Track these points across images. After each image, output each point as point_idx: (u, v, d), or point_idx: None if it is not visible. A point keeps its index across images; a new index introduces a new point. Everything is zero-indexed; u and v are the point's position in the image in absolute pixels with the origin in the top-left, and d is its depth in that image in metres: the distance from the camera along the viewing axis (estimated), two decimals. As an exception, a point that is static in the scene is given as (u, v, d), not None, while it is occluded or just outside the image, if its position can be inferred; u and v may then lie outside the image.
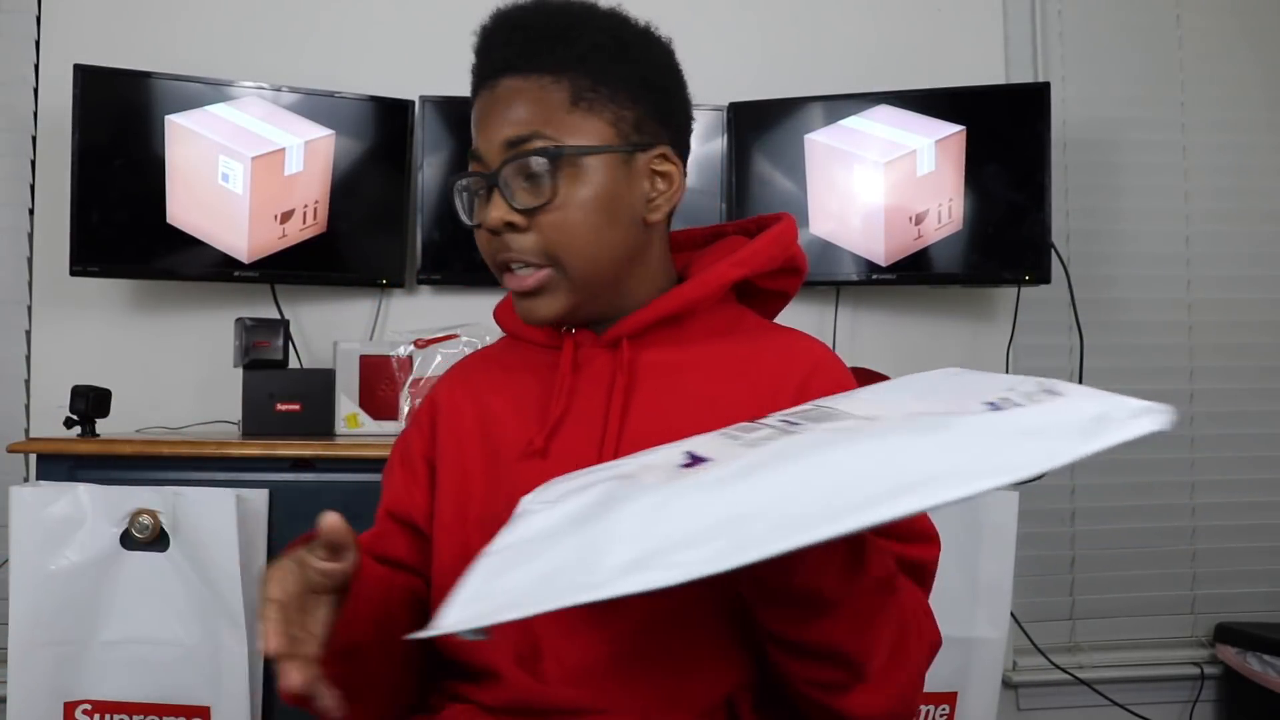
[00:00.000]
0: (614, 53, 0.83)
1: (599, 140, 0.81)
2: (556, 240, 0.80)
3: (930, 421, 0.58)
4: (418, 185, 2.03)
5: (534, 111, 0.80)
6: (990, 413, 0.61)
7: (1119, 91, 2.31)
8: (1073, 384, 0.64)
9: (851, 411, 0.64)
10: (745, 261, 0.86)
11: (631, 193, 0.83)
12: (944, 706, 1.75)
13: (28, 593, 1.47)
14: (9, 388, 2.02)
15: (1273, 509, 2.31)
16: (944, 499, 0.52)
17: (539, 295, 0.82)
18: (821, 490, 0.53)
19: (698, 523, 0.53)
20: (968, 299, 2.22)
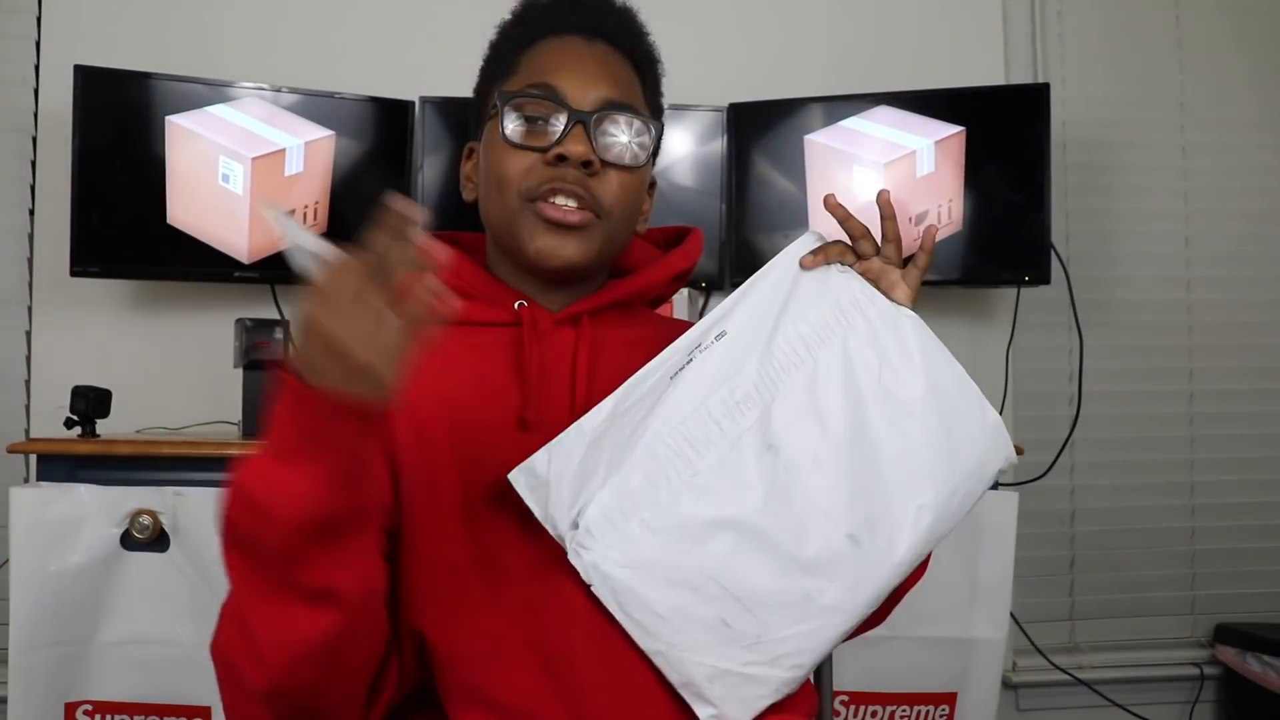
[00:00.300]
0: (660, 83, 0.94)
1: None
2: (619, 198, 0.86)
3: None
4: (418, 186, 2.03)
5: (629, 89, 0.88)
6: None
7: (1119, 92, 2.31)
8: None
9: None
10: (689, 254, 0.95)
11: (643, 196, 0.92)
12: (944, 707, 1.75)
13: (28, 593, 1.47)
14: (9, 388, 2.02)
15: (1273, 509, 2.31)
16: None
17: (575, 234, 0.84)
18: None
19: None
20: (968, 299, 2.22)
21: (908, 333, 0.84)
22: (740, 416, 0.79)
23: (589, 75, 0.85)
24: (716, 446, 0.78)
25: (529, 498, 0.75)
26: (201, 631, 1.49)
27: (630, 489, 0.76)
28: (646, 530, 0.75)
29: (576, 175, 0.83)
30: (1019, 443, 1.91)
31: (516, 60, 0.88)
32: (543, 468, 0.75)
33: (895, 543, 0.78)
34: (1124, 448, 2.29)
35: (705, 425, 0.78)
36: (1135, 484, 2.29)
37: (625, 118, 0.85)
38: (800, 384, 0.80)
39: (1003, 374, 2.18)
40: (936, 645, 1.70)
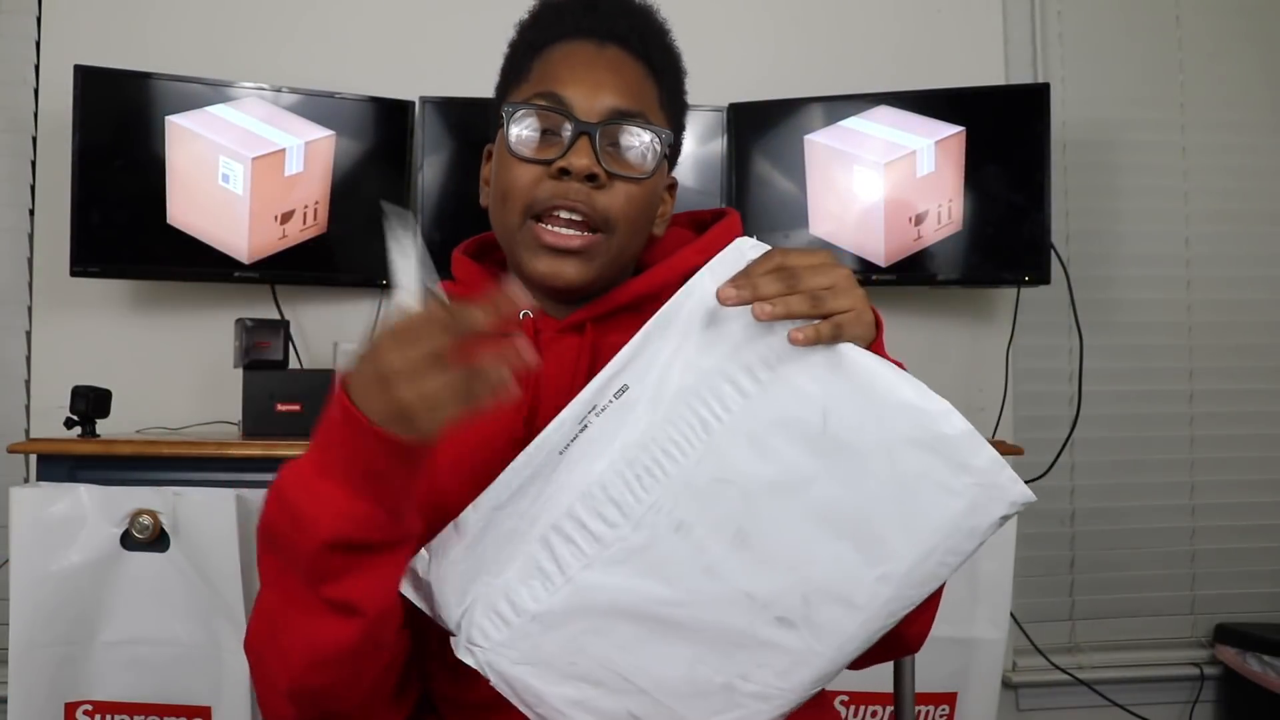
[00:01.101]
0: (681, 81, 0.92)
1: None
2: (625, 211, 0.83)
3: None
4: (418, 186, 2.03)
5: (641, 94, 0.85)
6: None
7: (1119, 92, 2.31)
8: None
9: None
10: (705, 250, 0.86)
11: (657, 203, 0.89)
12: (944, 707, 1.75)
13: (28, 593, 1.47)
14: (9, 388, 2.02)
15: (1273, 509, 2.31)
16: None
17: (575, 258, 0.82)
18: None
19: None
20: (968, 300, 2.22)
21: (860, 365, 0.68)
22: (644, 492, 0.68)
23: (597, 84, 0.83)
24: (618, 529, 0.68)
25: (414, 598, 0.71)
26: (201, 631, 1.50)
27: (520, 582, 0.69)
28: (539, 625, 0.69)
29: (580, 189, 0.81)
30: (1019, 443, 1.93)
31: (529, 65, 0.86)
32: (423, 569, 0.71)
33: (843, 621, 0.67)
34: (1124, 448, 2.29)
35: (602, 507, 0.68)
36: (1135, 484, 2.29)
37: (634, 128, 0.83)
38: (717, 444, 0.68)
39: (1003, 374, 2.18)
40: (936, 645, 1.68)
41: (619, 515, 0.68)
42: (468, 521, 0.71)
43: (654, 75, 0.87)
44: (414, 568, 0.71)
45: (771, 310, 0.65)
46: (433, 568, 0.71)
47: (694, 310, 0.69)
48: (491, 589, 0.69)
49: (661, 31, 0.90)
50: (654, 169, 0.84)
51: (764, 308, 0.65)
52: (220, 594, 1.49)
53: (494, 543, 0.70)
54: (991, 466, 0.67)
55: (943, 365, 2.19)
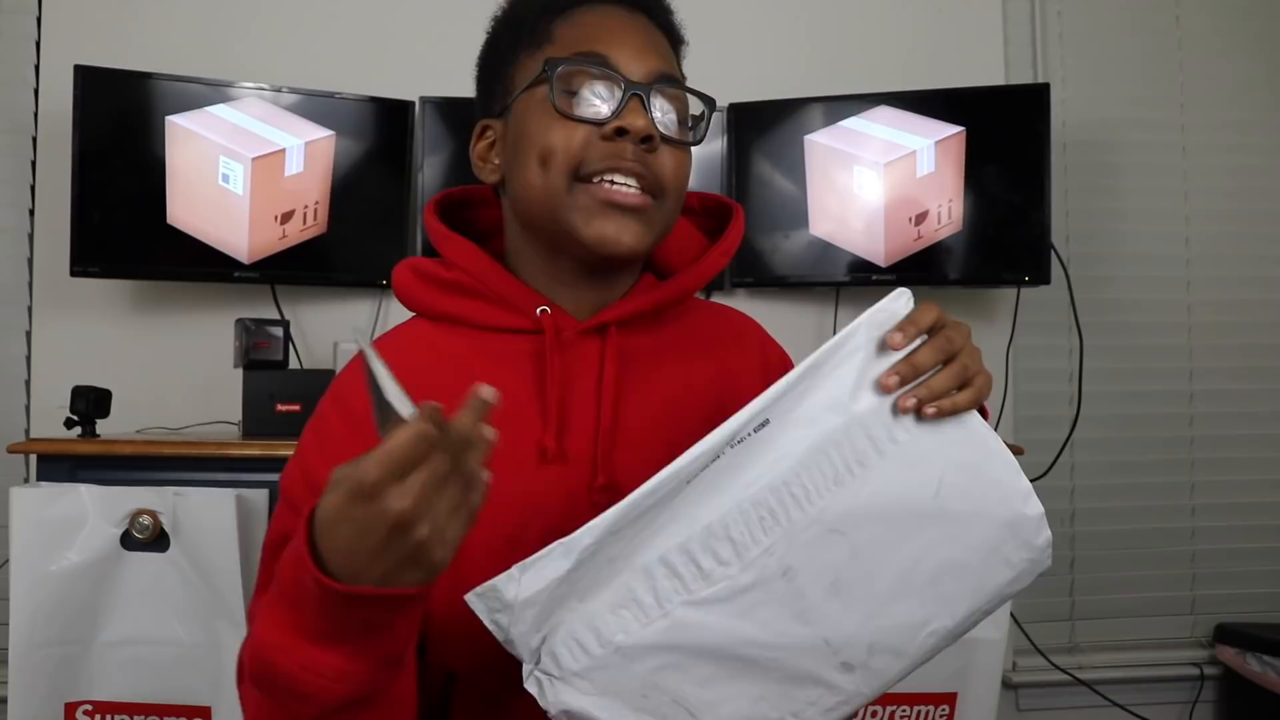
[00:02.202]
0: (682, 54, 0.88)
1: None
2: (676, 177, 0.79)
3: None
4: (418, 186, 2.03)
5: (674, 63, 0.83)
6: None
7: (1119, 92, 2.31)
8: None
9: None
10: (728, 253, 0.86)
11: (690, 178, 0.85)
12: (944, 707, 1.75)
13: (28, 593, 1.47)
14: (9, 388, 2.02)
15: (1273, 509, 2.31)
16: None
17: (636, 218, 0.76)
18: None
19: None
20: (968, 300, 2.22)
21: (981, 440, 0.71)
22: (763, 534, 0.67)
23: (639, 47, 0.78)
24: (728, 568, 0.66)
25: (489, 621, 0.64)
26: (201, 631, 1.50)
27: (610, 610, 0.66)
28: (621, 657, 0.65)
29: (636, 151, 0.75)
30: (1019, 443, 1.93)
31: (549, 28, 0.79)
32: (510, 592, 0.64)
33: (889, 667, 0.70)
34: (1124, 448, 2.29)
35: (718, 544, 0.66)
36: (1135, 484, 2.29)
37: (680, 92, 0.80)
38: (844, 497, 0.68)
39: (1003, 374, 2.18)
40: (936, 645, 1.70)
41: (733, 554, 0.67)
42: (579, 542, 0.64)
43: (675, 48, 0.85)
44: (496, 588, 0.64)
45: (935, 412, 0.68)
46: (524, 585, 0.64)
47: (851, 356, 0.68)
48: (577, 615, 0.66)
49: (672, 8, 0.87)
50: (701, 136, 0.81)
51: (928, 410, 0.68)
52: (220, 594, 1.49)
53: (593, 567, 0.65)
54: (1047, 544, 0.72)
55: (943, 365, 2.19)
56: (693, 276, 0.84)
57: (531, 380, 0.78)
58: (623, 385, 0.79)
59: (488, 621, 0.65)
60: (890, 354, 0.68)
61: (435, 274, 0.83)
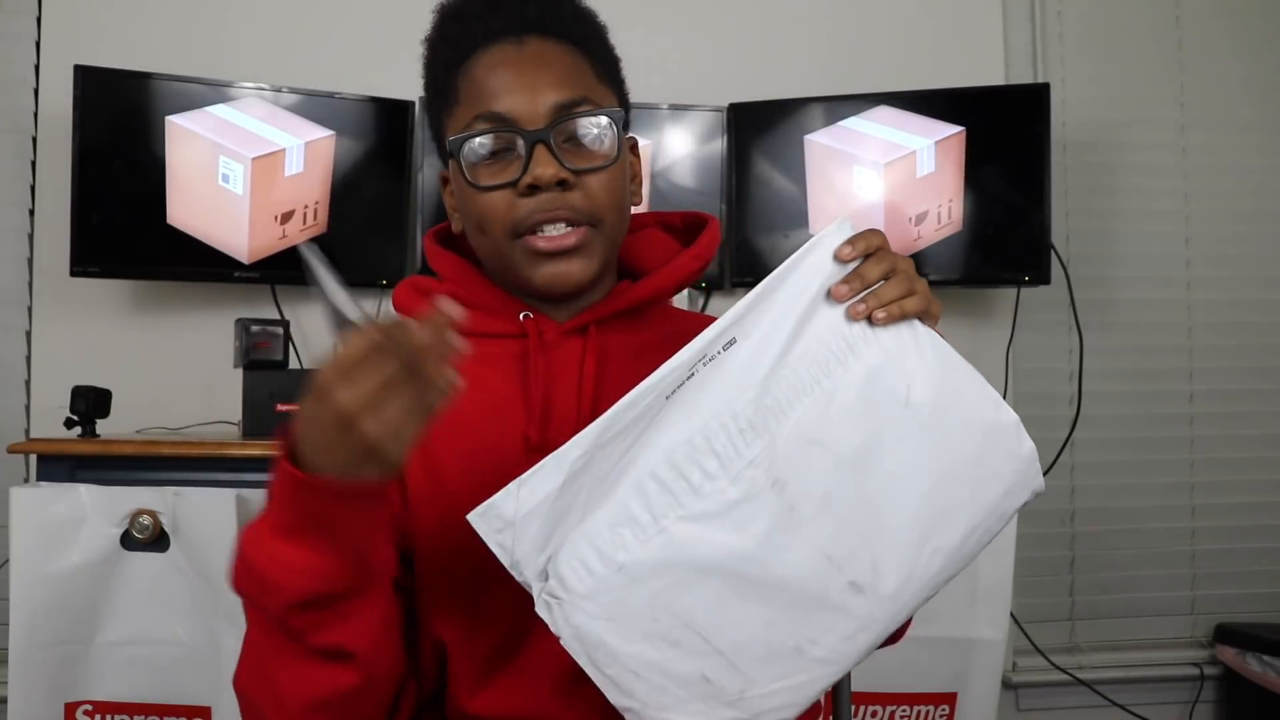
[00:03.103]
0: (606, 40, 0.87)
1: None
2: (603, 201, 0.81)
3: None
4: (418, 186, 2.03)
5: (576, 77, 0.82)
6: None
7: (1119, 92, 2.31)
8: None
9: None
10: (700, 256, 0.90)
11: (629, 175, 0.87)
12: (944, 707, 1.75)
13: (28, 593, 1.47)
14: (9, 388, 2.02)
15: (1273, 509, 2.31)
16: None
17: (575, 255, 0.81)
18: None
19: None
20: (968, 300, 2.23)
21: (937, 351, 0.74)
22: (745, 446, 0.69)
23: (530, 85, 0.80)
24: (715, 481, 0.68)
25: (492, 542, 0.66)
26: (201, 631, 1.50)
27: (609, 529, 0.67)
28: (625, 577, 0.67)
29: (556, 198, 0.79)
30: (1019, 443, 1.92)
31: (453, 84, 0.83)
32: (509, 508, 0.66)
33: (901, 590, 0.70)
34: (1124, 448, 2.29)
35: (702, 457, 0.68)
36: (1135, 484, 2.29)
37: (584, 118, 0.81)
38: (815, 407, 0.70)
39: (1003, 374, 2.18)
40: (936, 645, 1.70)
41: (718, 467, 0.68)
42: (568, 455, 0.67)
43: (581, 49, 0.84)
44: (496, 505, 0.66)
45: (885, 317, 0.71)
46: (521, 504, 0.66)
47: (806, 275, 0.71)
48: (580, 534, 0.67)
49: (567, 9, 0.86)
50: (618, 151, 0.82)
51: (879, 314, 0.71)
52: (220, 594, 1.49)
53: (587, 484, 0.67)
54: (1032, 455, 0.73)
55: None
56: (665, 276, 0.88)
57: (517, 378, 0.84)
58: (603, 380, 0.84)
59: (492, 544, 0.66)
60: (842, 269, 0.71)
61: (429, 288, 0.89)
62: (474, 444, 0.81)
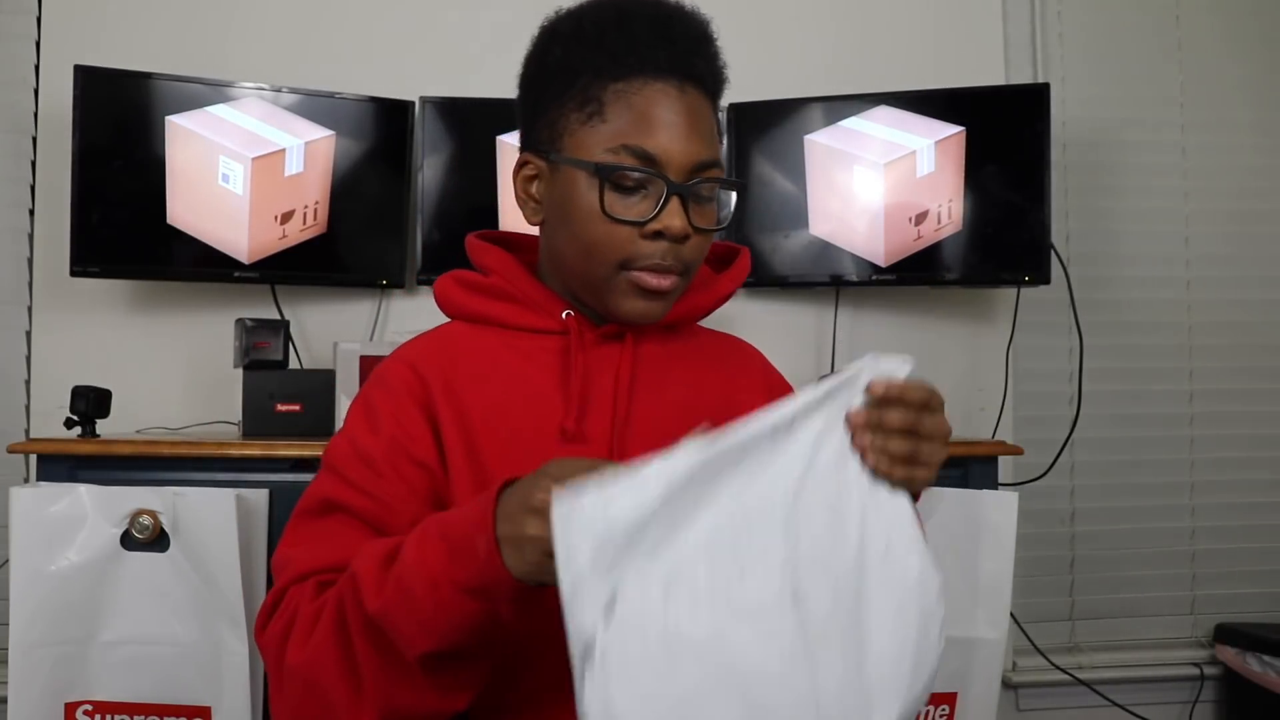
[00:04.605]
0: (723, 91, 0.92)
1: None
2: (700, 257, 0.87)
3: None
4: (418, 186, 2.03)
5: (714, 137, 0.87)
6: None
7: (1119, 92, 2.31)
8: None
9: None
10: (735, 280, 0.97)
11: None
12: (944, 707, 1.75)
13: (28, 593, 1.47)
14: (9, 388, 2.02)
15: (1273, 509, 2.31)
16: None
17: (666, 298, 0.86)
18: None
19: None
20: (968, 300, 2.22)
21: (912, 522, 0.74)
22: (782, 542, 0.68)
23: (684, 135, 0.83)
24: (755, 570, 0.66)
25: (562, 545, 0.62)
26: (201, 631, 1.50)
27: (666, 584, 0.64)
28: (668, 653, 0.63)
29: (672, 247, 0.83)
30: (1019, 443, 1.93)
31: (601, 96, 0.83)
32: (598, 513, 0.62)
33: None
34: (1124, 448, 2.29)
35: (753, 536, 0.67)
36: (1135, 484, 2.29)
37: (718, 186, 0.86)
38: (830, 528, 0.70)
39: (1003, 374, 2.18)
40: (936, 645, 1.70)
41: (760, 554, 0.67)
42: (673, 469, 0.63)
43: (715, 106, 0.89)
44: (580, 517, 0.62)
45: (873, 462, 0.71)
46: (615, 505, 0.62)
47: (841, 394, 0.72)
48: (643, 573, 0.63)
49: (719, 56, 0.90)
50: (730, 218, 0.89)
51: (870, 457, 0.71)
52: (220, 594, 1.49)
53: (667, 516, 0.64)
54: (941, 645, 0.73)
55: (943, 365, 2.19)
56: (704, 296, 0.95)
57: (556, 373, 0.88)
58: (637, 382, 0.89)
59: (561, 548, 0.62)
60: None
61: (474, 281, 0.93)
62: (512, 431, 0.84)
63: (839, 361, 2.15)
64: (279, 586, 0.80)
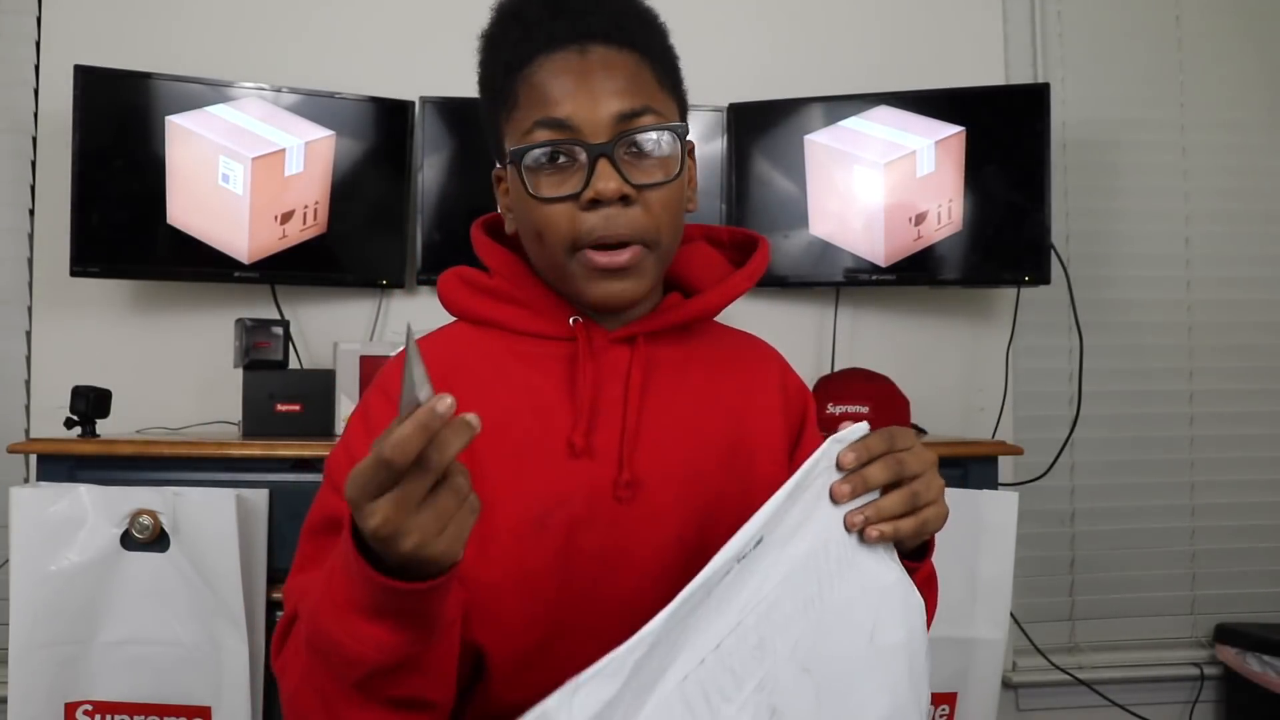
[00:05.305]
0: (668, 43, 0.86)
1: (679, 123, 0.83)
2: (664, 217, 0.81)
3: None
4: (418, 186, 2.03)
5: (639, 86, 0.80)
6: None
7: (1119, 91, 2.31)
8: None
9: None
10: (752, 276, 0.90)
11: (686, 188, 0.86)
12: (944, 707, 1.75)
13: (28, 593, 1.47)
14: (9, 388, 2.02)
15: (1273, 509, 2.31)
16: None
17: (629, 275, 0.80)
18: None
19: None
20: (968, 300, 2.22)
21: (901, 591, 0.75)
22: (756, 665, 0.67)
23: (594, 94, 0.78)
24: (730, 704, 0.65)
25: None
26: (201, 631, 1.50)
27: None
28: None
29: (616, 213, 0.78)
30: (1019, 443, 1.93)
31: (513, 89, 0.81)
32: (561, 718, 0.60)
33: None
34: (1124, 448, 2.29)
35: (722, 677, 0.65)
36: (1135, 484, 2.29)
37: (649, 132, 0.80)
38: (809, 629, 0.69)
39: (1003, 374, 2.18)
40: (936, 645, 1.68)
41: (734, 687, 0.66)
42: (627, 657, 0.62)
43: (644, 55, 0.82)
44: (550, 716, 0.60)
45: (878, 535, 0.72)
46: (576, 710, 0.60)
47: (814, 481, 0.71)
48: None
49: (633, 8, 0.84)
50: (680, 166, 0.81)
51: (871, 532, 0.71)
52: (220, 594, 1.49)
53: (634, 689, 0.63)
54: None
55: (943, 365, 2.19)
56: (717, 295, 0.89)
57: (563, 381, 0.84)
58: (647, 391, 0.84)
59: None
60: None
61: (479, 281, 0.88)
62: (517, 446, 0.81)
63: (839, 362, 2.15)
64: (287, 615, 0.78)
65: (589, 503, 0.80)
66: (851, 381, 2.02)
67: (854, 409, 1.96)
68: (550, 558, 0.79)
